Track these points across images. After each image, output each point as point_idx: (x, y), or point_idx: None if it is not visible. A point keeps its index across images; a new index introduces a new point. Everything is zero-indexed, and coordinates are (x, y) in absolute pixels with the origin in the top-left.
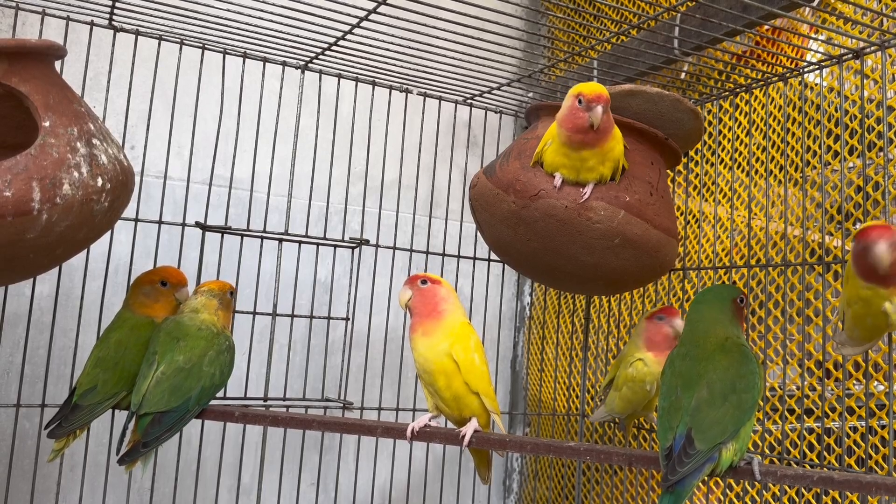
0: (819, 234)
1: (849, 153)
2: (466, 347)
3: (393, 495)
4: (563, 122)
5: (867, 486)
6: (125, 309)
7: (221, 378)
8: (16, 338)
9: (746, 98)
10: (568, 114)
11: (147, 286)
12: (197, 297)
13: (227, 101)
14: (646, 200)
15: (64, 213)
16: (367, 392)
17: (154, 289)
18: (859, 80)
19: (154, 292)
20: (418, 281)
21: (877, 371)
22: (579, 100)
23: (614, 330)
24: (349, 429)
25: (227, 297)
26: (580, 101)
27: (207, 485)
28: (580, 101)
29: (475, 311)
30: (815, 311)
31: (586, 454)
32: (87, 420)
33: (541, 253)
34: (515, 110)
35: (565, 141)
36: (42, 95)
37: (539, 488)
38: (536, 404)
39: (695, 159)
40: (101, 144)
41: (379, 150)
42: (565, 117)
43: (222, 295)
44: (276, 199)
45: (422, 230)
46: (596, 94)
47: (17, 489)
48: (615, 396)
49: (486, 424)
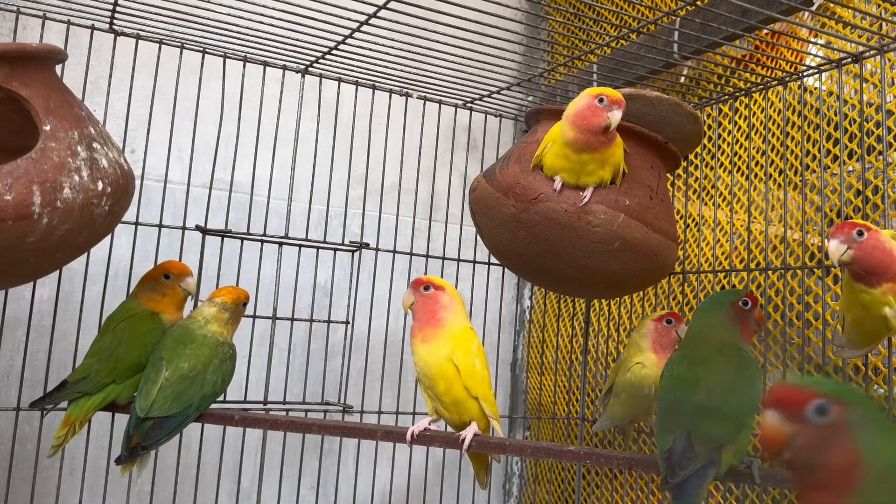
0: (819, 237)
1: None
2: (468, 352)
3: (393, 499)
4: (575, 119)
5: None
6: (131, 299)
7: (223, 386)
8: (16, 341)
9: (746, 102)
10: (583, 111)
11: (152, 282)
12: (209, 307)
13: (227, 105)
14: (645, 204)
15: (64, 217)
16: (366, 396)
17: (159, 283)
18: (858, 84)
19: (160, 286)
20: (422, 286)
21: (877, 375)
22: (601, 99)
23: (614, 333)
24: (349, 432)
25: (241, 308)
26: (601, 101)
27: (207, 489)
28: (601, 101)
29: (475, 314)
30: (814, 315)
31: (586, 458)
32: (70, 398)
33: (541, 256)
34: (515, 114)
35: (570, 141)
36: (43, 99)
37: (539, 492)
38: (536, 408)
39: (694, 163)
40: (101, 148)
41: (379, 153)
42: (579, 114)
43: (235, 308)
44: (277, 202)
45: (422, 234)
46: (618, 97)
47: (18, 492)
48: (615, 403)
49: (486, 429)
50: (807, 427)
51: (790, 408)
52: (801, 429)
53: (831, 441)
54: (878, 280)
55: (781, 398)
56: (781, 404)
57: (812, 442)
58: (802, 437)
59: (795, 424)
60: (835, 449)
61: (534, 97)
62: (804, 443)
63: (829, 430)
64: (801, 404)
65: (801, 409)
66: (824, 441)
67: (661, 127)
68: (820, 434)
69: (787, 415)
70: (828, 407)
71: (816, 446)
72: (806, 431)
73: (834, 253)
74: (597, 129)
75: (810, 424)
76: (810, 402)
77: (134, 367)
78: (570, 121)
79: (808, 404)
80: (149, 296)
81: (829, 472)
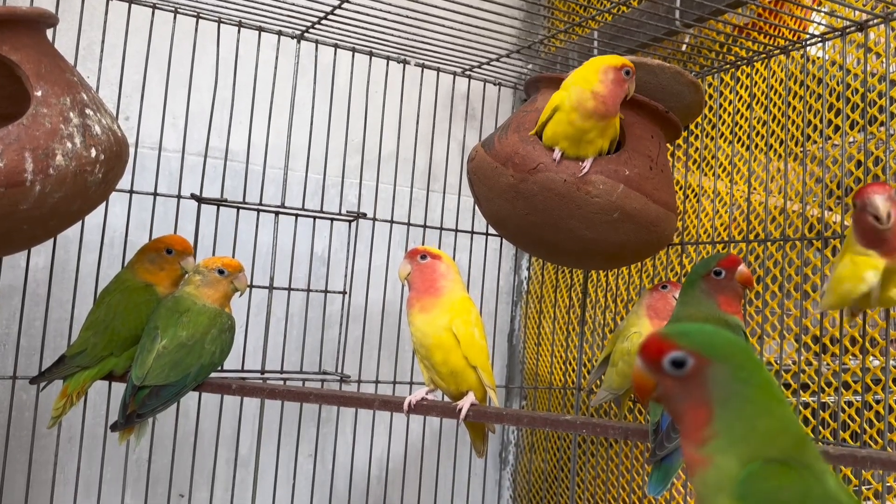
0: (818, 209)
1: (850, 128)
2: (467, 321)
3: (390, 467)
4: (607, 98)
5: (862, 461)
6: (126, 270)
7: (221, 357)
8: (12, 309)
9: (748, 71)
10: (613, 88)
11: (152, 253)
12: (202, 275)
13: (222, 72)
14: (645, 174)
15: (57, 185)
16: (364, 365)
17: (159, 256)
18: (862, 53)
19: (159, 259)
20: (418, 256)
21: (873, 346)
22: (627, 71)
23: (611, 304)
24: (346, 402)
25: (214, 274)
26: (628, 73)
27: (205, 456)
28: (628, 73)
29: (472, 285)
30: (812, 287)
31: (582, 427)
32: (68, 374)
33: (539, 227)
34: (514, 82)
35: (593, 114)
36: (34, 64)
37: (535, 460)
38: (533, 378)
39: (695, 133)
40: (94, 115)
41: (376, 122)
42: (611, 93)
43: (206, 271)
44: (273, 171)
45: (419, 204)
46: (632, 65)
47: (16, 460)
48: (612, 373)
49: (483, 398)
50: (664, 377)
51: (650, 357)
52: (660, 378)
53: (687, 395)
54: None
55: (644, 347)
56: (643, 353)
57: (670, 392)
58: (662, 386)
59: (655, 374)
60: (689, 403)
61: (533, 65)
62: (663, 392)
63: (687, 383)
64: (659, 354)
65: (658, 359)
66: (682, 393)
67: (661, 96)
68: (678, 385)
69: (648, 364)
70: (686, 360)
71: (674, 396)
72: (664, 381)
73: (882, 207)
74: (620, 101)
75: (668, 375)
76: (667, 354)
77: (131, 339)
78: (596, 97)
79: (664, 355)
80: (146, 267)
81: (684, 424)
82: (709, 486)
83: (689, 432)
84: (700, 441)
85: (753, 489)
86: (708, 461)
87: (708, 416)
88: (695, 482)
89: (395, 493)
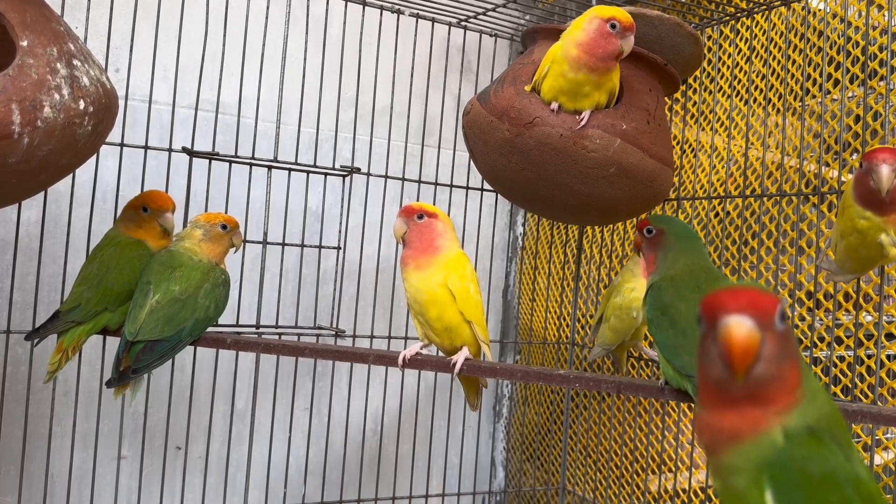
0: (816, 164)
1: (849, 82)
2: (462, 276)
3: (385, 421)
4: (587, 47)
5: (853, 415)
6: (114, 228)
7: (216, 311)
8: (4, 264)
9: (747, 24)
10: (595, 38)
11: (131, 211)
12: (194, 230)
13: (212, 22)
14: (642, 129)
15: (46, 137)
16: (359, 320)
17: (137, 214)
18: (864, 5)
19: (137, 218)
20: (415, 215)
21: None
22: (612, 24)
23: (606, 260)
24: (341, 356)
25: (218, 230)
26: (614, 27)
27: (201, 410)
28: (614, 27)
29: (468, 240)
30: (807, 242)
31: (575, 382)
32: (62, 329)
33: (534, 182)
34: (511, 34)
35: (573, 62)
36: (18, 13)
37: (528, 413)
38: (527, 333)
39: (693, 87)
40: (82, 66)
41: (370, 74)
42: (591, 42)
43: (208, 226)
44: (265, 124)
45: (414, 158)
46: (629, 21)
47: (11, 414)
48: (605, 328)
49: (477, 353)
50: (772, 334)
51: (761, 313)
52: (770, 336)
53: (785, 352)
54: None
55: (753, 302)
56: (754, 308)
57: (775, 352)
58: (769, 346)
59: (765, 331)
60: (787, 361)
61: (531, 16)
62: (769, 352)
63: (785, 339)
64: (771, 308)
65: (771, 314)
66: (782, 351)
67: (660, 48)
68: (780, 343)
69: (759, 321)
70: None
71: (777, 356)
72: (771, 339)
73: (886, 180)
74: (609, 57)
75: (775, 332)
76: (778, 307)
77: (125, 293)
78: (578, 46)
79: (777, 308)
80: (127, 226)
81: (776, 385)
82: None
83: (777, 395)
84: (788, 405)
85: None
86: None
87: (799, 377)
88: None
89: (390, 446)
